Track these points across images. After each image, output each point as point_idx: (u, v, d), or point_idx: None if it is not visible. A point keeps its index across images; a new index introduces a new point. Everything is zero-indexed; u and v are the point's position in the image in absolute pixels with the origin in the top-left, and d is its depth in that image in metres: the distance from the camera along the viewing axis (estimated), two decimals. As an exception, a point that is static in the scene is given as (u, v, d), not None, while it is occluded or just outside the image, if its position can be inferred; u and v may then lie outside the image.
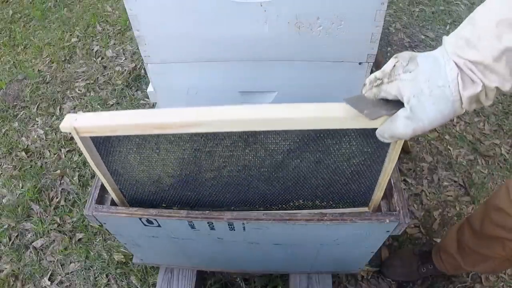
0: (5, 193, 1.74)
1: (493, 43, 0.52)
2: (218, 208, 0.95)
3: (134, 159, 0.79)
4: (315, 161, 0.77)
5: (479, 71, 0.54)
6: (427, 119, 0.57)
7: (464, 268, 1.20)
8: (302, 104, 0.65)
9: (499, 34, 0.51)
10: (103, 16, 2.62)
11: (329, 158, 0.76)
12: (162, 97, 1.34)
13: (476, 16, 0.55)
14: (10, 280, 1.48)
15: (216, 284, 1.40)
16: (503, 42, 0.51)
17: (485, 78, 0.54)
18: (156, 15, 1.06)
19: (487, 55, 0.53)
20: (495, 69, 0.53)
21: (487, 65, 0.53)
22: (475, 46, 0.54)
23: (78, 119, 0.70)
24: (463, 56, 0.55)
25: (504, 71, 0.53)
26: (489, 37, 0.52)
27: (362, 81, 1.22)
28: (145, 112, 0.70)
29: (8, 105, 2.12)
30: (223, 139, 0.71)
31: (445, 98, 0.56)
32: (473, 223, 1.11)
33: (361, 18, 1.03)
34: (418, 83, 0.57)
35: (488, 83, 0.54)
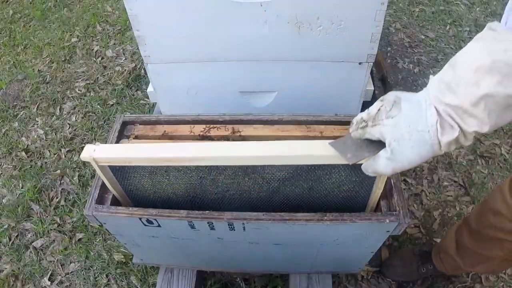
0: (5, 193, 1.74)
1: (471, 90, 0.54)
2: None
3: (147, 183, 0.88)
4: (308, 188, 0.85)
5: (458, 116, 0.56)
6: (406, 160, 0.61)
7: (464, 268, 1.20)
8: (294, 142, 0.73)
9: (477, 80, 0.53)
10: (103, 16, 2.62)
11: (321, 185, 0.83)
12: (162, 97, 1.34)
13: (457, 60, 0.58)
14: (10, 280, 1.48)
15: (216, 284, 1.40)
16: (481, 89, 0.53)
17: (463, 122, 0.56)
18: (156, 15, 1.06)
19: (465, 101, 0.55)
20: (473, 113, 0.55)
21: (466, 109, 0.55)
22: (454, 91, 0.56)
23: (96, 150, 0.78)
24: (443, 100, 0.57)
25: (482, 115, 0.55)
26: (468, 84, 0.54)
27: (362, 81, 1.22)
28: (157, 146, 0.79)
29: (8, 105, 2.12)
30: (225, 170, 0.81)
31: (424, 142, 0.59)
32: (470, 225, 1.12)
33: (361, 18, 1.03)
34: (399, 129, 0.61)
35: (467, 128, 0.56)
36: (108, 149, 0.79)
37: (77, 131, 1.96)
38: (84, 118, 2.02)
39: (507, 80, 0.52)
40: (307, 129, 0.97)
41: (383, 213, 0.83)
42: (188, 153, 0.75)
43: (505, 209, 0.96)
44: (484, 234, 1.05)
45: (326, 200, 0.89)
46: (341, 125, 0.98)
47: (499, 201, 0.98)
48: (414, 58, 2.22)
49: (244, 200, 0.90)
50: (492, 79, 0.53)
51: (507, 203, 0.95)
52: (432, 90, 0.59)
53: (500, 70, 0.52)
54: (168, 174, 0.84)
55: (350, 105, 1.31)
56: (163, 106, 1.39)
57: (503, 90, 0.52)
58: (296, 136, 0.96)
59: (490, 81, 0.53)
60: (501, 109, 0.55)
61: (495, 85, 0.52)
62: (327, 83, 1.23)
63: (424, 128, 0.59)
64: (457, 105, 0.56)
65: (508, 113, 0.55)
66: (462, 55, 0.57)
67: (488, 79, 0.53)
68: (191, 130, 0.99)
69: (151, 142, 0.98)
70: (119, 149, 0.80)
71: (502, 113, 0.55)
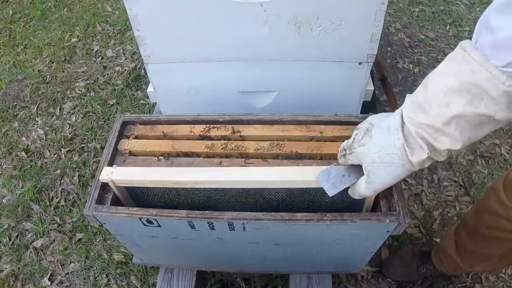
0: (5, 193, 1.74)
1: (442, 110, 0.56)
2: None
3: (159, 201, 0.94)
4: (304, 207, 0.90)
5: (430, 135, 0.59)
6: (381, 182, 0.68)
7: (464, 268, 1.20)
8: (292, 169, 0.84)
9: (448, 102, 0.56)
10: (103, 16, 2.62)
11: (316, 204, 0.88)
12: (162, 97, 1.34)
13: (428, 82, 0.60)
14: (10, 280, 1.48)
15: (216, 284, 1.40)
16: (452, 110, 0.56)
17: (436, 141, 0.59)
18: (156, 15, 1.06)
19: (437, 121, 0.57)
20: (445, 132, 0.57)
21: (438, 128, 0.58)
22: (426, 111, 0.59)
23: (113, 172, 0.87)
24: (416, 120, 0.60)
25: (454, 133, 0.57)
26: (439, 105, 0.57)
27: (362, 81, 1.22)
28: (168, 171, 0.88)
29: (8, 105, 2.12)
30: (229, 191, 0.88)
31: (395, 164, 0.64)
32: (468, 225, 1.12)
33: (361, 18, 1.03)
34: (370, 155, 0.67)
35: (439, 146, 0.59)
36: (124, 172, 0.87)
37: (77, 131, 1.96)
38: (84, 118, 2.02)
39: (477, 100, 0.54)
40: (307, 129, 0.97)
41: (383, 213, 0.83)
42: (196, 178, 0.83)
43: (501, 208, 0.96)
44: (481, 234, 1.05)
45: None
46: (341, 125, 0.98)
47: (494, 200, 0.99)
48: (414, 58, 2.22)
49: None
50: (461, 100, 0.55)
51: (502, 202, 0.95)
52: (405, 111, 0.63)
53: (469, 91, 0.54)
54: (178, 193, 0.91)
55: (350, 105, 1.31)
56: (163, 106, 1.39)
57: (473, 110, 0.54)
58: (296, 136, 0.96)
59: (460, 102, 0.55)
60: (473, 126, 0.57)
61: (464, 105, 0.55)
62: (327, 83, 1.23)
63: (393, 152, 0.64)
64: (429, 124, 0.58)
65: (480, 129, 0.57)
66: (434, 77, 0.60)
67: (458, 100, 0.55)
68: (191, 130, 0.99)
69: (151, 142, 0.98)
70: (134, 173, 0.87)
71: (474, 130, 0.57)
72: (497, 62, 0.52)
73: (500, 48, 0.51)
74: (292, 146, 0.94)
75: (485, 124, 0.56)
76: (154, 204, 0.94)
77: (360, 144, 0.69)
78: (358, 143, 0.70)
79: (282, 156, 0.93)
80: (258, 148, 0.94)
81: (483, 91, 0.53)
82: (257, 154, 0.93)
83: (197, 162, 0.93)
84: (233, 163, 0.91)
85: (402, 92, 2.03)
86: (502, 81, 0.52)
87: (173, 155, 0.95)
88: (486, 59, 0.53)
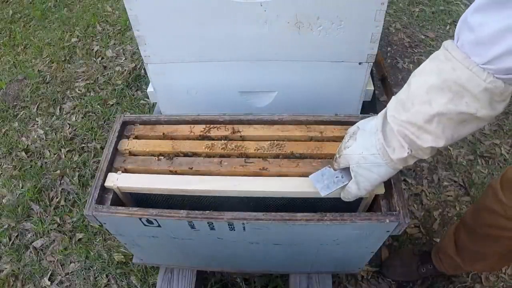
0: (5, 193, 1.74)
1: (424, 108, 0.57)
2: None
3: (162, 204, 0.96)
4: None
5: (412, 133, 0.60)
6: (369, 181, 0.71)
7: (463, 267, 1.20)
8: (290, 179, 0.88)
9: (429, 99, 0.57)
10: (103, 16, 2.62)
11: (315, 210, 0.87)
12: (162, 97, 1.34)
13: (412, 80, 0.61)
14: (10, 280, 1.48)
15: (216, 284, 1.40)
16: (433, 108, 0.56)
17: (418, 139, 0.60)
18: (156, 15, 1.06)
19: (418, 118, 0.58)
20: (427, 129, 0.58)
21: (420, 126, 0.59)
22: (409, 109, 0.60)
23: (119, 179, 0.90)
24: (399, 118, 0.61)
25: (436, 131, 0.58)
26: (421, 102, 0.58)
27: (362, 81, 1.22)
28: (175, 179, 0.90)
29: (8, 105, 2.12)
30: (232, 197, 0.90)
31: (378, 163, 0.67)
32: (467, 224, 1.12)
33: (361, 18, 1.03)
34: (355, 156, 0.70)
35: (421, 144, 0.60)
36: (130, 178, 0.89)
37: (77, 131, 1.96)
38: (84, 118, 2.02)
39: (458, 98, 0.55)
40: (307, 129, 0.97)
41: (383, 213, 0.83)
42: (202, 187, 0.87)
43: (499, 207, 0.96)
44: (480, 232, 1.05)
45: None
46: (341, 125, 0.98)
47: (492, 199, 0.99)
48: (414, 58, 2.22)
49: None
50: (443, 98, 0.55)
51: (500, 201, 0.96)
52: (389, 110, 0.64)
53: (450, 89, 0.55)
54: (183, 198, 0.94)
55: (350, 105, 1.31)
56: (163, 106, 1.39)
57: (454, 107, 0.55)
58: (296, 136, 0.96)
59: (441, 99, 0.56)
60: (455, 124, 0.57)
61: (446, 103, 0.55)
62: (327, 83, 1.23)
63: (375, 152, 0.66)
64: (411, 122, 0.60)
65: (463, 127, 0.58)
66: (416, 75, 0.61)
67: (439, 98, 0.56)
68: (191, 130, 0.99)
69: (151, 142, 0.98)
70: (139, 179, 0.90)
71: (457, 128, 0.58)
72: (477, 59, 0.52)
73: (480, 46, 0.51)
74: (292, 146, 0.94)
75: (467, 122, 0.57)
76: (156, 205, 0.94)
77: (346, 146, 0.72)
78: (344, 146, 0.72)
79: (282, 156, 0.93)
80: (258, 148, 0.94)
81: (464, 88, 0.54)
82: (257, 154, 0.93)
83: (197, 162, 0.93)
84: (233, 163, 0.91)
85: (402, 92, 2.03)
86: (482, 78, 0.52)
87: (173, 155, 0.95)
88: (466, 57, 0.53)
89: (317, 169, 0.89)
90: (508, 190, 0.94)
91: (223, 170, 0.91)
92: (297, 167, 0.89)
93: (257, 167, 0.90)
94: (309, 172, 0.89)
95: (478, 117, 0.55)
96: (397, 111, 0.62)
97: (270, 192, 0.87)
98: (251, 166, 0.91)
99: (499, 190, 0.96)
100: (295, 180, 0.87)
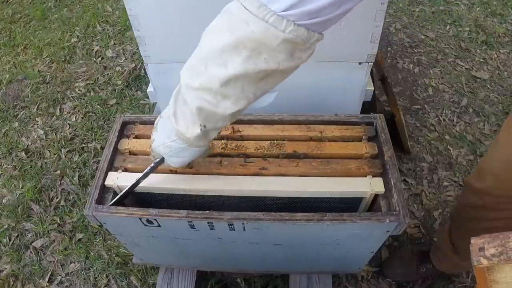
0: (5, 193, 1.74)
1: (219, 71, 0.51)
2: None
3: (162, 203, 0.97)
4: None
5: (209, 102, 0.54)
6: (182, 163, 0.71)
7: (462, 265, 1.20)
8: (290, 179, 0.88)
9: (224, 61, 0.50)
10: (103, 16, 2.62)
11: (314, 210, 0.88)
12: (162, 97, 1.34)
13: (203, 41, 0.55)
14: (10, 280, 1.48)
15: (217, 284, 1.40)
16: (229, 69, 0.50)
17: (216, 107, 0.54)
18: (156, 15, 1.06)
19: (214, 83, 0.52)
20: (224, 93, 0.52)
21: (216, 91, 0.52)
22: (202, 73, 0.53)
23: (119, 178, 0.89)
24: (192, 85, 0.55)
25: (235, 93, 0.52)
26: (215, 65, 0.51)
27: (362, 81, 1.22)
28: (177, 178, 0.89)
29: (8, 105, 2.12)
30: (232, 197, 0.90)
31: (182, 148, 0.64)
32: (455, 222, 1.13)
33: (361, 18, 1.03)
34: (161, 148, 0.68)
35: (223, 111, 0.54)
36: (130, 177, 0.88)
37: (77, 131, 1.96)
38: (84, 118, 2.02)
39: (255, 55, 0.48)
40: (307, 128, 0.97)
41: (383, 213, 0.83)
42: (202, 186, 0.87)
43: (476, 199, 0.96)
44: (469, 228, 1.05)
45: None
46: (341, 125, 0.98)
47: (470, 193, 0.99)
48: (414, 58, 2.22)
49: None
50: (239, 57, 0.49)
51: (476, 192, 0.95)
52: (183, 78, 0.58)
53: (246, 46, 0.48)
54: (182, 197, 0.94)
55: (350, 105, 1.31)
56: (163, 106, 1.38)
57: (252, 66, 0.49)
58: (296, 136, 0.96)
59: (237, 59, 0.49)
60: (256, 82, 0.52)
61: (242, 63, 0.49)
62: (327, 83, 1.23)
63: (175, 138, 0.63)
64: (207, 88, 0.53)
65: (266, 83, 0.53)
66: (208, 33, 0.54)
67: (235, 58, 0.49)
68: (191, 130, 0.99)
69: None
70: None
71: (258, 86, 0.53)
72: (275, 6, 0.46)
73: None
74: (292, 145, 0.94)
75: (270, 77, 0.52)
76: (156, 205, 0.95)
77: (152, 140, 0.70)
78: (152, 139, 0.70)
79: (282, 155, 0.93)
80: (258, 147, 0.94)
81: (260, 44, 0.48)
82: (257, 154, 0.93)
83: (197, 161, 0.93)
84: (233, 162, 0.91)
85: (402, 92, 2.03)
86: (281, 29, 0.46)
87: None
88: (261, 5, 0.46)
89: (317, 169, 0.89)
90: (483, 178, 0.94)
91: (223, 169, 0.91)
92: (297, 166, 0.89)
93: (257, 167, 0.90)
94: (309, 172, 0.89)
95: (281, 70, 0.50)
96: (190, 77, 0.55)
97: (271, 192, 0.87)
98: (251, 165, 0.91)
99: (475, 183, 0.96)
100: (295, 179, 0.87)
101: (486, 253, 0.45)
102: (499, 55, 2.21)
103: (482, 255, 0.45)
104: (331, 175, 0.89)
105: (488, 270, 0.47)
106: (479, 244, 0.46)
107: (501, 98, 1.99)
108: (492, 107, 1.95)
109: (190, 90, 0.56)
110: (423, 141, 1.82)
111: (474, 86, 2.05)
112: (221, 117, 0.56)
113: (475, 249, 0.46)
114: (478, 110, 1.94)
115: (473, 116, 1.91)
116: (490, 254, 0.45)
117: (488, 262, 0.45)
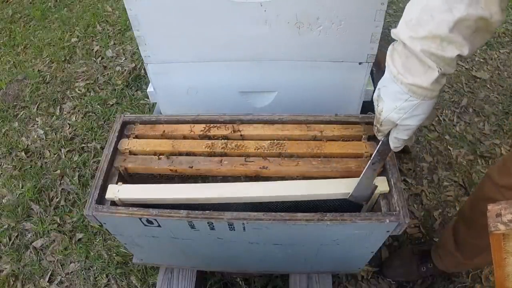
0: (5, 193, 1.74)
1: (445, 16, 0.57)
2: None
3: (162, 205, 0.93)
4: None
5: (436, 48, 0.59)
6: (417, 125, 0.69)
7: (464, 262, 1.20)
8: (293, 183, 0.89)
9: (450, 7, 0.56)
10: (103, 16, 2.62)
11: (319, 210, 0.88)
12: (162, 97, 1.34)
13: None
14: (10, 280, 1.48)
15: (216, 284, 1.40)
16: (454, 14, 0.56)
17: (444, 51, 0.59)
18: (156, 15, 1.06)
19: (443, 28, 0.57)
20: (451, 39, 0.58)
21: (444, 37, 0.58)
22: (428, 22, 0.58)
23: (120, 191, 0.89)
24: (418, 36, 0.60)
25: (458, 39, 0.57)
26: (441, 12, 0.57)
27: (362, 81, 1.22)
28: (175, 188, 0.89)
29: (8, 105, 2.12)
30: (238, 204, 0.90)
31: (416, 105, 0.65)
32: (465, 217, 1.12)
33: (361, 18, 1.03)
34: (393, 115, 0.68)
35: (450, 55, 0.59)
36: (131, 190, 0.88)
37: (77, 131, 1.96)
38: (84, 118, 2.02)
39: (475, 2, 0.55)
40: (307, 128, 0.97)
41: (383, 213, 0.83)
42: (208, 195, 0.87)
43: (497, 193, 0.96)
44: (480, 223, 1.05)
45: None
46: (341, 125, 0.98)
47: (490, 186, 0.98)
48: (414, 58, 2.22)
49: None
50: (462, 3, 0.55)
51: (498, 186, 0.95)
52: (403, 33, 0.62)
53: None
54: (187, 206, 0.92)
55: (350, 105, 1.31)
56: (163, 106, 1.39)
57: (474, 11, 0.55)
58: (296, 135, 0.96)
59: (461, 5, 0.55)
60: (471, 33, 0.58)
61: (466, 8, 0.55)
62: (327, 83, 1.23)
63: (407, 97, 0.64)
64: (435, 35, 0.58)
65: (478, 36, 0.59)
66: None
67: (459, 3, 0.55)
68: (191, 130, 0.99)
69: (152, 142, 0.98)
70: (142, 191, 0.89)
71: (472, 37, 0.58)
72: None
73: None
74: (292, 145, 0.94)
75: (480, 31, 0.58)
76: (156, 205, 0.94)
77: (379, 112, 0.70)
78: (378, 112, 0.71)
79: (282, 155, 0.93)
80: (258, 147, 0.94)
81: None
82: (257, 153, 0.93)
83: (197, 161, 0.93)
84: (233, 162, 0.91)
85: (402, 92, 2.03)
86: None
87: (173, 154, 0.95)
88: None
89: (317, 168, 0.89)
90: (506, 175, 0.93)
91: (223, 169, 0.91)
92: (297, 166, 0.89)
93: (257, 166, 0.90)
94: (309, 171, 0.89)
95: (491, 23, 0.56)
96: (413, 30, 0.61)
97: (275, 197, 0.87)
98: (251, 165, 0.91)
99: (496, 175, 0.96)
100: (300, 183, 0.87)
101: (504, 218, 0.46)
102: (499, 55, 2.21)
103: (500, 220, 0.46)
104: (331, 174, 0.89)
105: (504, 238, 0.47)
106: (496, 210, 0.46)
107: (501, 98, 1.99)
108: (492, 107, 1.95)
109: (416, 41, 0.60)
110: (423, 141, 1.82)
111: (474, 86, 2.05)
112: (449, 61, 0.60)
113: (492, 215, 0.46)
114: (478, 110, 1.94)
115: (473, 116, 1.91)
116: (507, 220, 0.45)
117: (506, 228, 0.45)
